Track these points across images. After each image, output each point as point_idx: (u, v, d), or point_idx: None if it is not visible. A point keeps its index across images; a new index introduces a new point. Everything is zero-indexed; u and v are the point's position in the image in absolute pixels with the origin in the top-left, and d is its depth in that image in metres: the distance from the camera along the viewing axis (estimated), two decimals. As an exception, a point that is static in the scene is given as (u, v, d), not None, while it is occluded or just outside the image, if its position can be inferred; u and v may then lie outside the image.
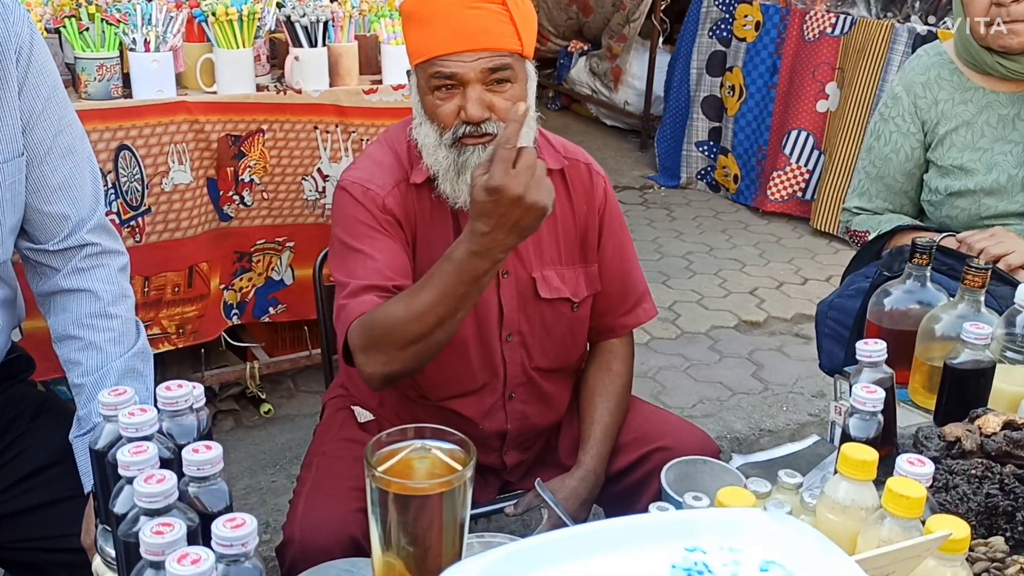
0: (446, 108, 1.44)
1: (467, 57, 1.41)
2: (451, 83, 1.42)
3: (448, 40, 1.41)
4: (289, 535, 1.46)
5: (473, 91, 1.42)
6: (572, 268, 1.63)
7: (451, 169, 1.46)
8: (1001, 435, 1.17)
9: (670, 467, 1.39)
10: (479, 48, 1.41)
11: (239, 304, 2.62)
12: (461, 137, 1.44)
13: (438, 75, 1.42)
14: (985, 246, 1.77)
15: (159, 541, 0.78)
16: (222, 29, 2.32)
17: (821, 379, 3.15)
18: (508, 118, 1.26)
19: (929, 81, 1.97)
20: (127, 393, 1.00)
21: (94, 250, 1.41)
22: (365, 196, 1.50)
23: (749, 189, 5.09)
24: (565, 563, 0.67)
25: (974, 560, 1.00)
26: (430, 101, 1.45)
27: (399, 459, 0.86)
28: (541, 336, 1.62)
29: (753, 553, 0.70)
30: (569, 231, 1.62)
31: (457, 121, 1.44)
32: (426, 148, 1.48)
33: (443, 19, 1.41)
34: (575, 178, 1.62)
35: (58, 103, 1.37)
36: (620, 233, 1.68)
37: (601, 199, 1.64)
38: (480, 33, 1.41)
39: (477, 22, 1.41)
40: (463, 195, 1.46)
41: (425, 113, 1.47)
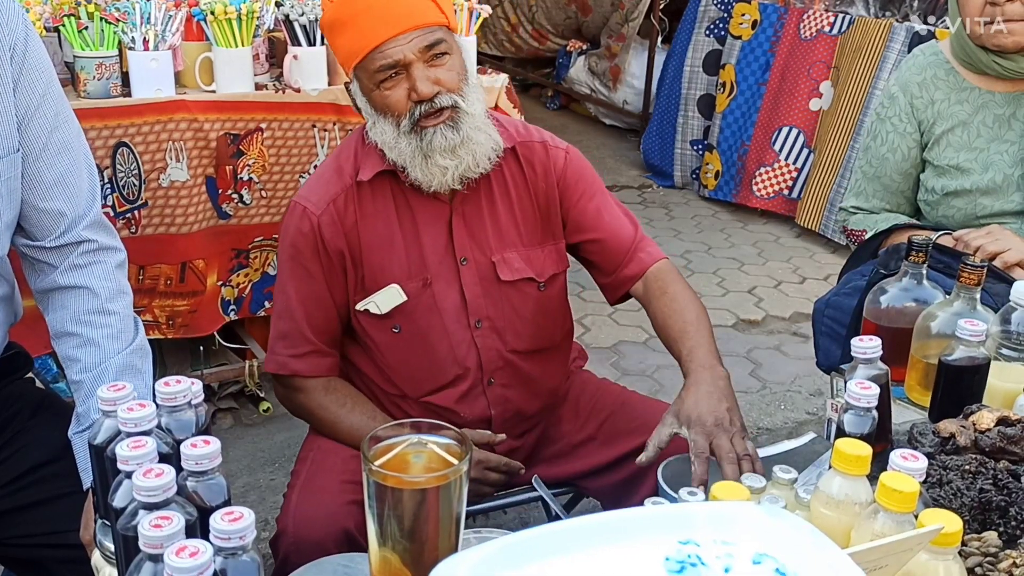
0: (395, 95, 1.46)
1: (401, 40, 1.43)
2: (395, 70, 1.44)
3: (378, 30, 1.43)
4: (283, 527, 1.47)
5: (417, 70, 1.44)
6: (536, 248, 1.62)
7: (417, 155, 1.47)
8: (995, 431, 1.18)
9: (667, 463, 1.39)
10: (410, 27, 1.43)
11: (236, 299, 2.63)
12: (418, 119, 1.46)
13: (381, 67, 1.44)
14: (981, 243, 1.77)
15: (158, 534, 0.78)
16: (221, 28, 2.32)
17: (819, 377, 3.16)
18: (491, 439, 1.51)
19: (925, 81, 1.98)
20: (126, 389, 1.01)
21: (91, 247, 1.42)
22: (302, 219, 1.54)
23: (728, 185, 5.05)
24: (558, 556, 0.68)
25: (967, 555, 1.00)
26: (378, 96, 1.47)
27: (395, 453, 0.87)
28: (512, 319, 1.61)
29: (746, 546, 0.70)
30: (528, 211, 1.61)
31: (410, 104, 1.45)
32: (386, 145, 1.49)
33: (366, 13, 1.44)
34: (531, 157, 1.62)
35: (53, 100, 1.37)
36: (592, 194, 1.65)
37: (560, 169, 1.63)
38: (406, 15, 1.44)
39: (400, 5, 1.44)
40: (435, 178, 1.48)
41: (376, 111, 1.49)
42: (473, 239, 1.58)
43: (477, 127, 1.49)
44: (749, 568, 0.68)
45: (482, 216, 1.58)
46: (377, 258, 1.54)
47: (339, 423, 1.58)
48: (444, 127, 1.45)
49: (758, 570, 0.68)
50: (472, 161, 1.49)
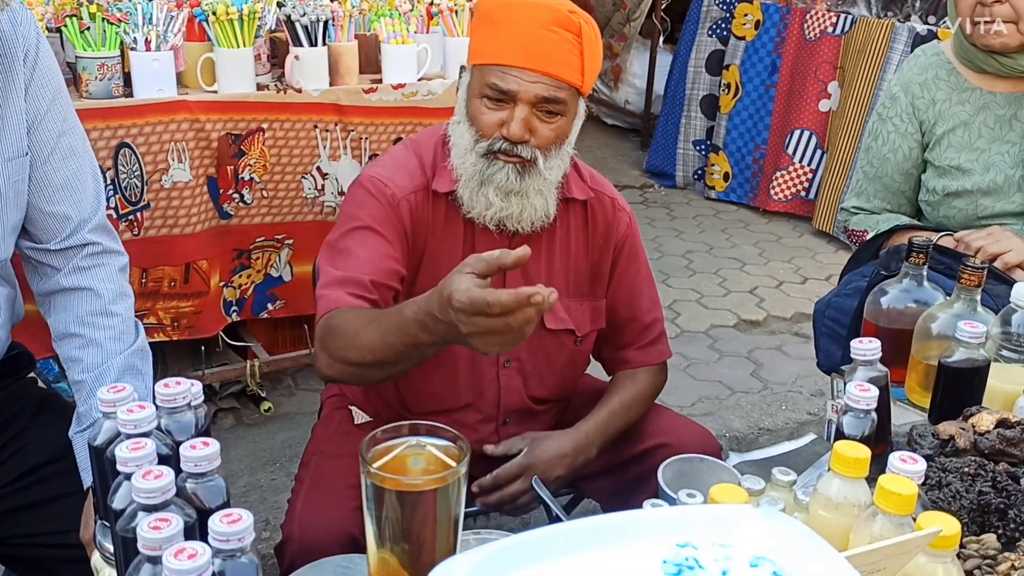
0: (490, 118, 1.43)
1: (527, 76, 1.40)
2: (503, 96, 1.42)
3: (515, 53, 1.40)
4: (288, 534, 1.47)
5: (521, 110, 1.41)
6: (579, 301, 1.62)
7: (475, 178, 1.45)
8: (994, 433, 1.18)
9: (667, 464, 1.39)
10: (542, 71, 1.40)
11: (238, 301, 2.63)
12: (495, 151, 1.43)
13: (493, 85, 1.41)
14: (982, 245, 1.77)
15: (157, 536, 0.78)
16: (222, 28, 2.33)
17: (820, 378, 3.16)
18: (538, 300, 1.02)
19: (927, 81, 1.98)
20: (126, 390, 1.01)
21: (95, 249, 1.42)
22: (380, 192, 1.48)
23: (743, 187, 5.07)
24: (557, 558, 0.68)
25: (966, 557, 1.00)
26: (476, 105, 1.45)
27: (394, 456, 0.87)
28: (542, 365, 1.61)
29: (744, 549, 0.70)
30: (581, 264, 1.61)
31: (497, 134, 1.43)
32: (457, 148, 1.48)
33: (517, 31, 1.40)
34: (598, 211, 1.60)
35: (62, 105, 1.39)
36: (637, 270, 1.67)
37: (622, 234, 1.63)
38: (547, 56, 1.40)
39: (548, 44, 1.40)
40: (477, 207, 1.46)
41: (468, 114, 1.47)
42: (526, 280, 1.52)
43: (540, 190, 1.47)
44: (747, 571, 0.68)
45: (539, 259, 1.56)
46: (432, 268, 1.51)
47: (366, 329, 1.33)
48: (512, 168, 1.44)
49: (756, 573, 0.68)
50: (517, 214, 1.47)
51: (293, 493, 1.57)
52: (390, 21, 2.58)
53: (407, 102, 2.61)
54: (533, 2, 1.42)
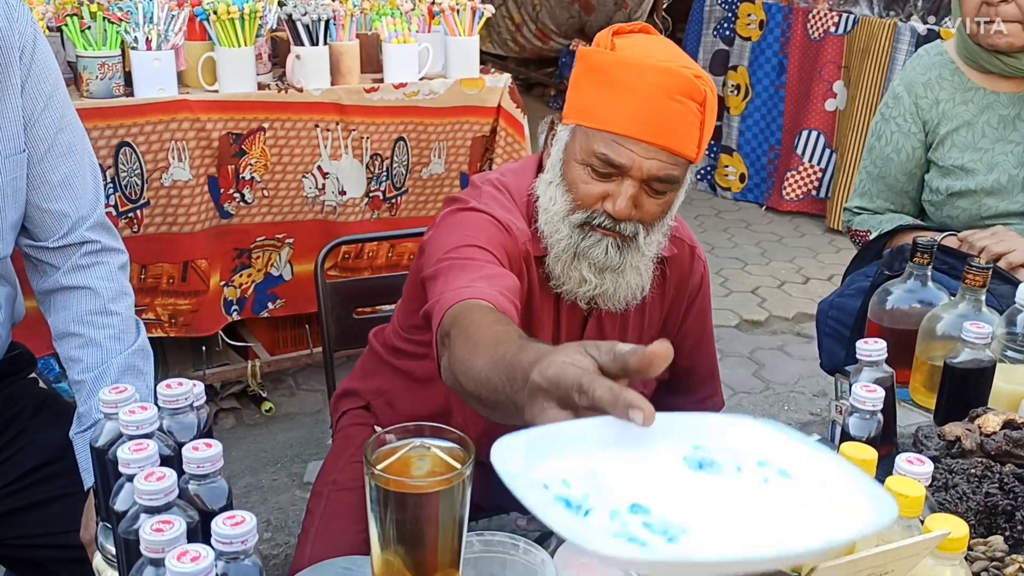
0: (592, 189, 1.29)
1: (643, 150, 1.25)
2: (611, 168, 1.27)
3: (634, 122, 1.25)
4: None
5: (630, 186, 1.27)
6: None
7: (568, 250, 1.32)
8: (1001, 434, 1.17)
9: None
10: (660, 144, 1.26)
11: (239, 300, 2.63)
12: (592, 223, 1.30)
13: (604, 157, 1.26)
14: (986, 244, 1.77)
15: (159, 538, 0.78)
16: (223, 28, 2.32)
17: (822, 378, 3.15)
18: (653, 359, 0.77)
19: (930, 81, 1.97)
20: (128, 391, 1.00)
21: (94, 247, 1.42)
22: (508, 230, 1.32)
23: (759, 188, 5.11)
24: (597, 451, 0.72)
25: (973, 559, 1.00)
26: (576, 171, 1.30)
27: (398, 457, 0.86)
28: None
29: (750, 452, 0.75)
30: (654, 319, 1.51)
31: (599, 207, 1.29)
32: (547, 212, 1.33)
33: (637, 97, 1.25)
34: (675, 261, 1.49)
35: (59, 102, 1.38)
36: (704, 321, 1.59)
37: (696, 284, 1.54)
38: (668, 129, 1.26)
39: (670, 116, 1.25)
40: (570, 283, 1.34)
41: (563, 177, 1.32)
42: (600, 335, 1.44)
43: (636, 266, 1.35)
44: (756, 469, 0.73)
45: (615, 321, 1.45)
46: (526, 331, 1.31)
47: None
48: (610, 243, 1.30)
49: (764, 471, 0.73)
50: (612, 291, 1.35)
51: (303, 529, 1.50)
52: (391, 20, 2.58)
53: (408, 102, 2.60)
54: (659, 66, 1.26)
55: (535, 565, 1.01)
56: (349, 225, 2.65)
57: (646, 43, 1.32)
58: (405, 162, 2.69)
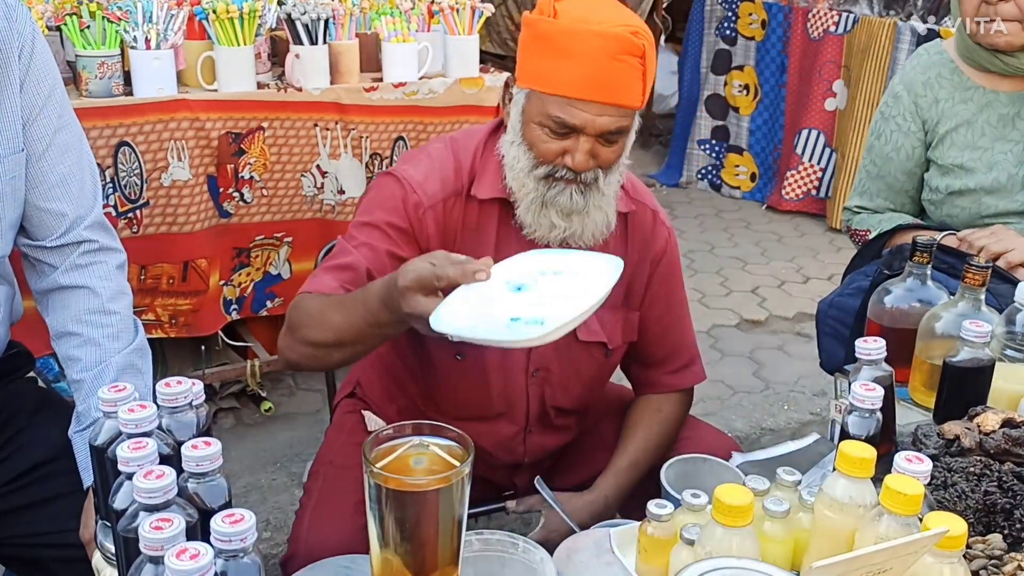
0: (551, 147, 1.39)
1: (593, 109, 1.35)
2: (567, 129, 1.37)
3: (583, 85, 1.34)
4: (294, 551, 1.44)
5: (586, 142, 1.37)
6: (612, 312, 1.57)
7: (535, 201, 1.42)
8: (1000, 433, 1.17)
9: (670, 465, 1.39)
10: (611, 102, 1.35)
11: (238, 299, 2.63)
12: (554, 175, 1.40)
13: (558, 119, 1.36)
14: (985, 244, 1.77)
15: (158, 536, 0.78)
16: (223, 27, 2.32)
17: (822, 378, 3.14)
18: (481, 278, 1.14)
19: (929, 80, 1.97)
20: (127, 389, 1.01)
21: (92, 247, 1.42)
22: (405, 198, 1.45)
23: (767, 187, 5.13)
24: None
25: (972, 557, 1.00)
26: (535, 133, 1.39)
27: (397, 456, 0.86)
28: (568, 376, 1.57)
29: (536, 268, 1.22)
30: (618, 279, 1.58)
31: (559, 162, 1.39)
32: (512, 169, 1.43)
33: (585, 61, 1.34)
34: (637, 224, 1.57)
35: (58, 101, 1.38)
36: (673, 288, 1.64)
37: (660, 250, 1.60)
38: (616, 88, 1.35)
39: (616, 75, 1.35)
40: (541, 230, 1.43)
41: (523, 137, 1.42)
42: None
43: (599, 205, 1.44)
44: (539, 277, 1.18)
45: None
46: None
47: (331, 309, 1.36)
48: (574, 189, 1.40)
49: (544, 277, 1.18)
50: (580, 231, 1.44)
51: (301, 506, 1.54)
52: (391, 19, 2.58)
53: (408, 101, 2.60)
54: (601, 32, 1.34)
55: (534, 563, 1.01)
56: (348, 224, 2.64)
57: (585, 5, 1.39)
58: (404, 162, 2.69)
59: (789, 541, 1.03)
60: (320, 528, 1.45)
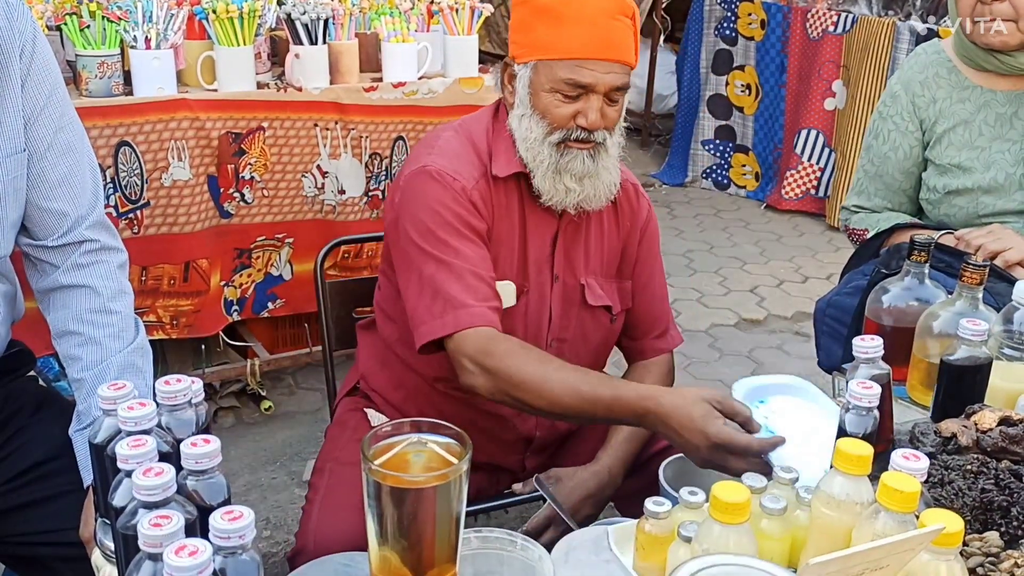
0: (563, 111, 1.46)
1: (601, 67, 1.43)
2: (579, 90, 1.44)
3: (589, 46, 1.43)
4: (302, 546, 1.45)
5: (596, 100, 1.45)
6: (609, 281, 1.65)
7: (551, 167, 1.48)
8: (997, 431, 1.18)
9: (668, 463, 1.39)
10: (615, 59, 1.44)
11: (239, 300, 2.63)
12: (569, 140, 1.47)
13: (569, 81, 1.44)
14: (983, 243, 1.77)
15: (157, 533, 0.78)
16: (223, 27, 2.32)
17: (821, 377, 3.14)
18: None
19: (927, 79, 1.98)
20: (126, 387, 1.01)
21: (93, 246, 1.42)
22: (450, 186, 1.48)
23: (768, 186, 5.14)
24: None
25: (969, 555, 1.00)
26: (547, 100, 1.46)
27: (395, 452, 0.86)
28: (579, 343, 1.63)
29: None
30: (613, 245, 1.65)
31: (571, 124, 1.46)
32: (526, 141, 1.49)
33: (587, 24, 1.43)
34: (623, 196, 1.63)
35: (59, 101, 1.38)
36: (655, 257, 1.72)
37: (644, 220, 1.68)
38: (617, 45, 1.45)
39: (616, 33, 1.45)
40: (557, 195, 1.50)
41: (533, 108, 1.48)
42: (567, 259, 1.59)
43: (607, 167, 1.52)
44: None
45: (579, 239, 1.60)
46: (497, 253, 1.53)
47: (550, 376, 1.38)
48: (586, 154, 1.48)
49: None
50: (593, 194, 1.52)
51: (308, 501, 1.56)
52: (390, 19, 2.58)
53: (407, 101, 2.61)
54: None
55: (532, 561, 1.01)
56: (348, 224, 2.65)
57: None
58: (404, 161, 2.69)
59: (786, 538, 1.04)
60: (328, 523, 1.46)
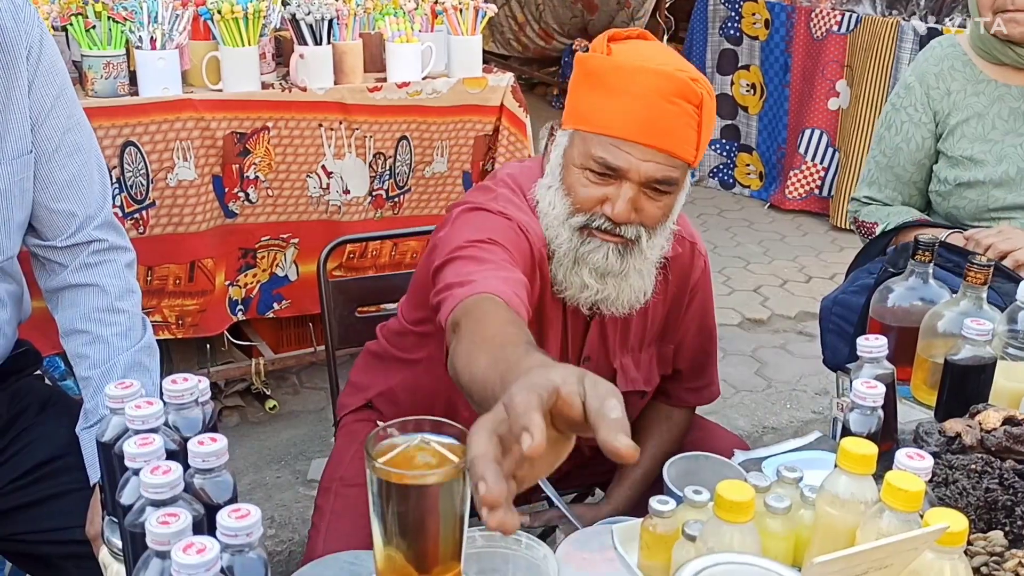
0: (591, 192, 1.29)
1: (640, 152, 1.26)
2: (610, 172, 1.28)
3: (629, 126, 1.25)
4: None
5: (629, 189, 1.27)
6: (648, 350, 1.53)
7: (568, 255, 1.32)
8: (1001, 430, 1.18)
9: (672, 463, 1.39)
10: (657, 147, 1.26)
11: (244, 300, 2.64)
12: (592, 227, 1.30)
13: (601, 160, 1.27)
14: (993, 242, 1.77)
15: (165, 531, 0.78)
16: (227, 27, 2.33)
17: (825, 377, 3.15)
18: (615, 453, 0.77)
19: (943, 72, 1.98)
20: (134, 386, 1.01)
21: (101, 246, 1.43)
22: (518, 231, 1.31)
23: (772, 186, 5.15)
24: None
25: (973, 554, 1.00)
26: (575, 175, 1.30)
27: (399, 452, 0.87)
28: None
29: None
30: (657, 315, 1.51)
31: (597, 210, 1.29)
32: (547, 216, 1.33)
33: (633, 100, 1.25)
34: (677, 260, 1.49)
35: (67, 101, 1.39)
36: (706, 312, 1.59)
37: (696, 280, 1.54)
38: (665, 132, 1.26)
39: (666, 118, 1.25)
40: (571, 288, 1.34)
41: (562, 181, 1.32)
42: (603, 339, 1.46)
43: (640, 269, 1.34)
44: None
45: (616, 325, 1.46)
46: (536, 335, 1.28)
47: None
48: (612, 249, 1.30)
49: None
50: (614, 296, 1.35)
51: (313, 525, 1.51)
52: (394, 20, 2.59)
53: (411, 101, 2.61)
54: (654, 69, 1.26)
55: (537, 560, 1.01)
56: (353, 224, 2.66)
57: (642, 48, 1.32)
58: (408, 161, 2.70)
59: (790, 537, 1.04)
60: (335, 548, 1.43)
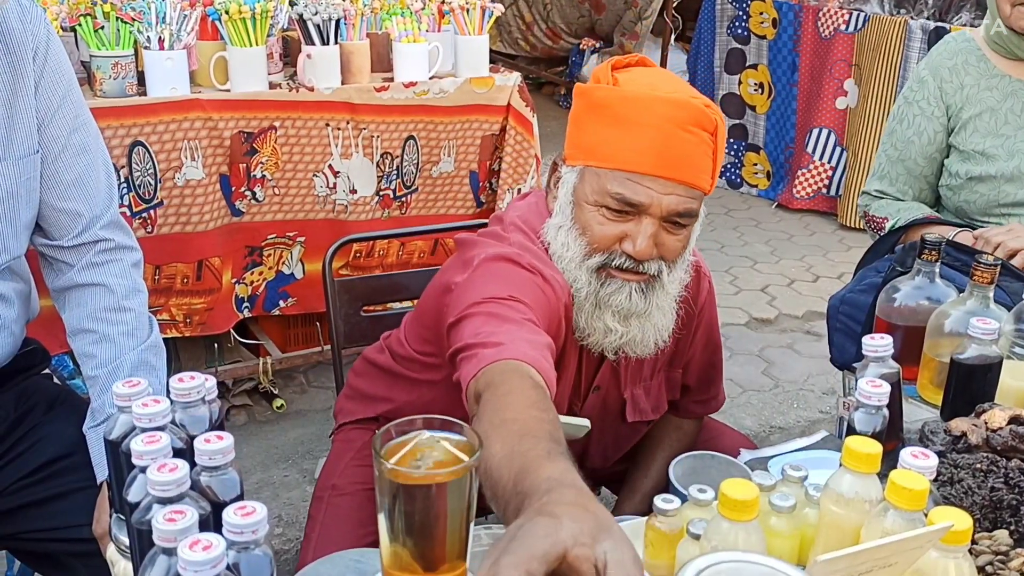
0: (607, 231, 1.23)
1: (660, 186, 1.20)
2: (628, 208, 1.22)
3: (645, 157, 1.19)
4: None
5: (649, 225, 1.22)
6: (658, 376, 1.50)
7: (589, 299, 1.26)
8: (1007, 430, 1.17)
9: (678, 462, 1.40)
10: (676, 179, 1.21)
11: (250, 298, 2.65)
12: (613, 267, 1.25)
13: (619, 197, 1.20)
14: (1002, 240, 1.76)
15: (172, 528, 0.79)
16: (235, 27, 2.34)
17: (832, 376, 3.15)
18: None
19: (956, 66, 1.98)
20: (141, 384, 1.02)
21: (108, 245, 1.43)
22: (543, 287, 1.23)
23: (780, 185, 5.14)
24: None
25: (978, 553, 1.00)
26: (589, 213, 1.23)
27: (407, 450, 0.87)
28: (606, 446, 1.51)
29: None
30: (667, 347, 1.45)
31: (616, 248, 1.24)
32: (562, 260, 1.26)
33: (649, 131, 1.19)
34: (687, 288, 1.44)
35: (73, 102, 1.39)
36: (712, 327, 1.57)
37: (703, 302, 1.50)
38: (683, 162, 1.21)
39: (684, 149, 1.20)
40: (594, 335, 1.27)
41: (574, 221, 1.25)
42: (615, 371, 1.42)
43: (662, 306, 1.29)
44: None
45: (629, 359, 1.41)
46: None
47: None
48: (633, 288, 1.25)
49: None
50: (640, 337, 1.30)
51: (306, 534, 1.50)
52: (401, 20, 2.59)
53: (418, 100, 2.61)
54: (667, 98, 1.21)
55: (542, 558, 1.02)
56: (360, 224, 2.67)
57: (648, 75, 1.29)
58: (415, 161, 2.70)
59: (795, 536, 1.04)
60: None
